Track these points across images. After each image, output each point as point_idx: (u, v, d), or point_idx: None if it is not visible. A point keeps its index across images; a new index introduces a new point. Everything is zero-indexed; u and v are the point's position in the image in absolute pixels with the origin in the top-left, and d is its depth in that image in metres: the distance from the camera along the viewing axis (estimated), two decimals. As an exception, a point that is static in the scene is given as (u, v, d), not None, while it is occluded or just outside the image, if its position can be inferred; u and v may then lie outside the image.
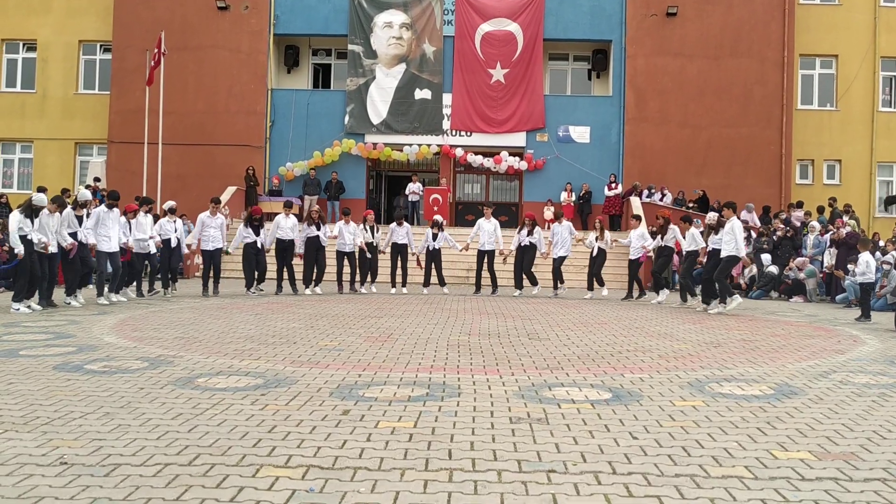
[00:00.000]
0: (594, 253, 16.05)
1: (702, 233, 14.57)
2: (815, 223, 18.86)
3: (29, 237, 11.08)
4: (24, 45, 26.91)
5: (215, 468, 3.73)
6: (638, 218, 16.55)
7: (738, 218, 13.65)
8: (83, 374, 6.09)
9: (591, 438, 4.40)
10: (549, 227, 17.99)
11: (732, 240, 12.77)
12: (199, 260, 17.63)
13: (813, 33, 25.68)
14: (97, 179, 23.04)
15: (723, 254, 12.91)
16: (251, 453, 3.99)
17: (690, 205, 23.07)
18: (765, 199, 23.79)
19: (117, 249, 12.76)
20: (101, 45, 26.59)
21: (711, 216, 14.46)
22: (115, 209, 12.83)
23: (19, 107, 26.59)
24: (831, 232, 17.81)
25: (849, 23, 25.87)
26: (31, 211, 11.17)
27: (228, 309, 11.82)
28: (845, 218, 19.56)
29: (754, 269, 18.25)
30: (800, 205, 22.21)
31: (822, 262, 17.58)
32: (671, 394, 5.72)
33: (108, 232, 12.50)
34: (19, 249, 10.88)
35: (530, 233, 16.15)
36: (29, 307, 11.07)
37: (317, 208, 16.82)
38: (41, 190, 17.19)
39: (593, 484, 3.61)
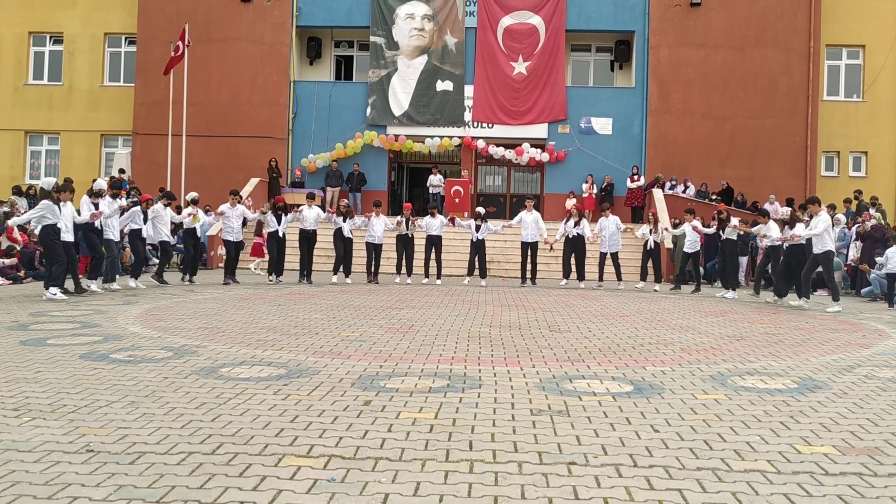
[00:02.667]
0: (650, 246, 16.11)
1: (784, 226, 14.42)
2: (840, 216, 18.62)
3: (59, 225, 11.36)
4: (50, 37, 27.19)
5: (238, 457, 3.77)
6: (692, 212, 16.27)
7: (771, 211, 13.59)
8: (109, 363, 6.17)
9: (612, 431, 4.40)
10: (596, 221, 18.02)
11: (824, 236, 12.55)
12: (222, 251, 17.81)
13: (839, 23, 25.29)
14: (122, 171, 23.24)
15: (816, 250, 12.69)
16: (273, 443, 4.03)
17: (714, 197, 22.87)
18: (789, 191, 23.52)
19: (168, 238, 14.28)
20: (126, 38, 26.80)
21: (785, 210, 14.32)
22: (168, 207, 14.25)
23: (46, 99, 26.89)
24: (857, 225, 17.58)
25: (876, 12, 25.46)
26: (56, 199, 11.42)
27: (251, 299, 11.90)
28: (872, 210, 19.28)
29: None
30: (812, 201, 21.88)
31: (847, 256, 17.37)
32: (693, 387, 5.69)
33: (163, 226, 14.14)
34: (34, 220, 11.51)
35: (577, 223, 16.22)
36: (65, 291, 11.41)
37: (346, 202, 17.07)
38: (67, 181, 17.44)
39: (614, 476, 3.61)
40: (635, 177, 23.89)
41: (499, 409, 4.85)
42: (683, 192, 23.19)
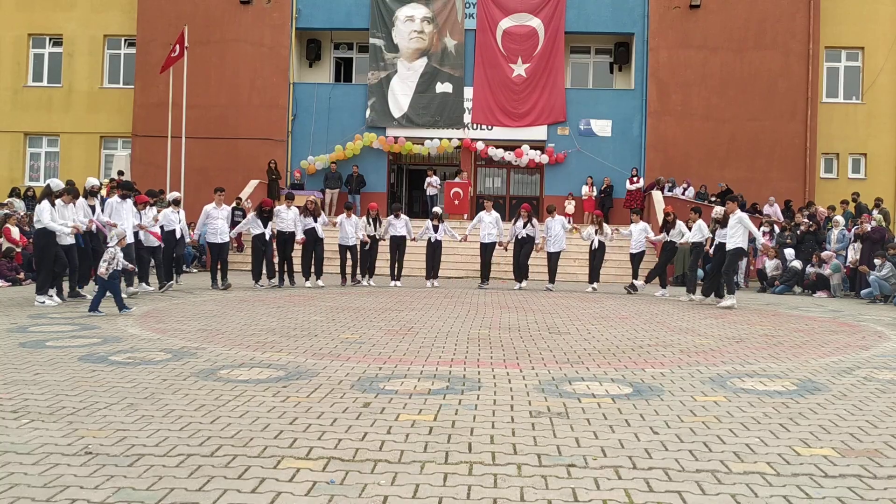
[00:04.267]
0: (594, 246, 16.08)
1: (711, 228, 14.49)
2: (838, 217, 18.63)
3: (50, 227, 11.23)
4: (50, 39, 27.20)
5: (237, 459, 3.77)
6: (697, 211, 16.23)
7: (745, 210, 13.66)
8: (108, 365, 6.16)
9: (611, 433, 4.40)
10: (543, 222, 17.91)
11: (738, 233, 12.72)
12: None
13: (839, 25, 25.31)
14: (121, 173, 23.22)
15: (729, 247, 12.89)
16: (272, 445, 4.03)
17: (713, 199, 22.87)
18: (788, 193, 23.56)
19: (131, 240, 12.73)
20: (125, 40, 26.81)
21: (717, 210, 14.38)
22: (129, 200, 12.93)
23: (46, 101, 26.90)
24: (856, 226, 17.59)
25: (875, 14, 25.48)
26: (51, 200, 11.35)
27: (250, 301, 11.90)
28: (875, 212, 19.28)
29: (777, 263, 18.08)
30: (809, 205, 21.92)
31: (846, 257, 17.38)
32: (692, 389, 5.69)
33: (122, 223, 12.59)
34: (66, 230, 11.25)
35: (526, 225, 16.18)
36: (51, 297, 11.21)
37: (312, 198, 16.73)
38: (69, 184, 17.38)
39: (613, 479, 3.61)
40: (635, 179, 23.90)
41: (498, 412, 4.85)
42: (683, 193, 23.20)
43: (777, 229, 19.90)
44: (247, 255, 18.65)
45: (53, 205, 11.35)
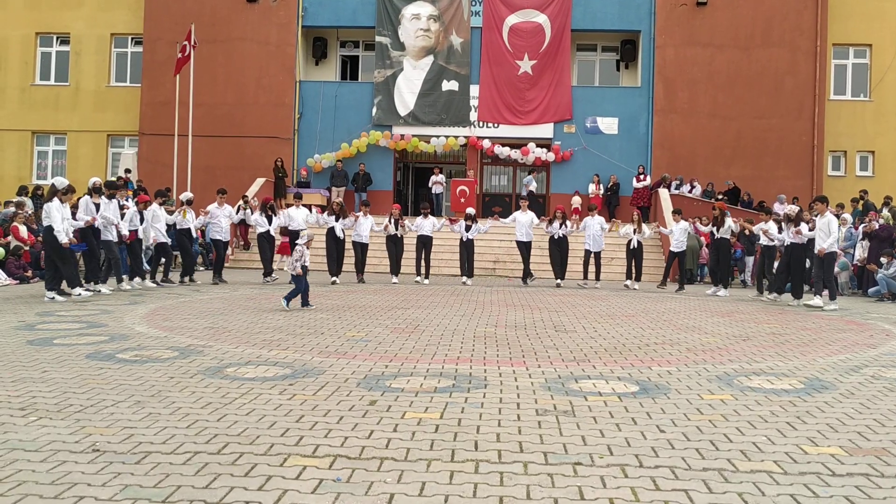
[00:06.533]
0: (633, 245, 16.12)
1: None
2: (846, 216, 18.55)
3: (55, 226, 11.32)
4: (57, 38, 27.28)
5: (244, 457, 3.78)
6: (769, 212, 16.14)
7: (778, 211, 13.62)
8: (115, 362, 6.18)
9: (617, 431, 4.39)
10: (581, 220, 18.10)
11: (828, 235, 12.66)
12: (229, 250, 17.85)
13: (846, 22, 25.20)
14: (128, 171, 23.30)
15: (820, 248, 12.81)
16: (279, 442, 4.03)
17: (720, 196, 22.81)
18: (795, 190, 23.46)
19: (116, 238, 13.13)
20: (132, 38, 26.88)
21: (792, 208, 14.29)
22: (114, 200, 13.09)
23: (53, 99, 26.99)
24: (863, 224, 17.52)
25: (883, 11, 25.36)
26: (61, 198, 11.42)
27: (257, 299, 11.92)
28: (884, 210, 19.19)
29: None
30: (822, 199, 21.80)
31: (853, 256, 17.31)
32: (699, 387, 5.68)
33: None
34: (64, 240, 11.23)
35: (561, 225, 16.30)
36: (62, 293, 11.32)
37: (339, 200, 16.96)
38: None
39: (620, 477, 3.60)
40: (641, 176, 23.86)
41: (504, 410, 4.85)
42: (689, 191, 23.14)
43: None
44: (254, 251, 18.79)
45: (62, 202, 11.45)
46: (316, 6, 25.62)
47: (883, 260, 15.30)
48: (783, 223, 14.05)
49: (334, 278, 15.59)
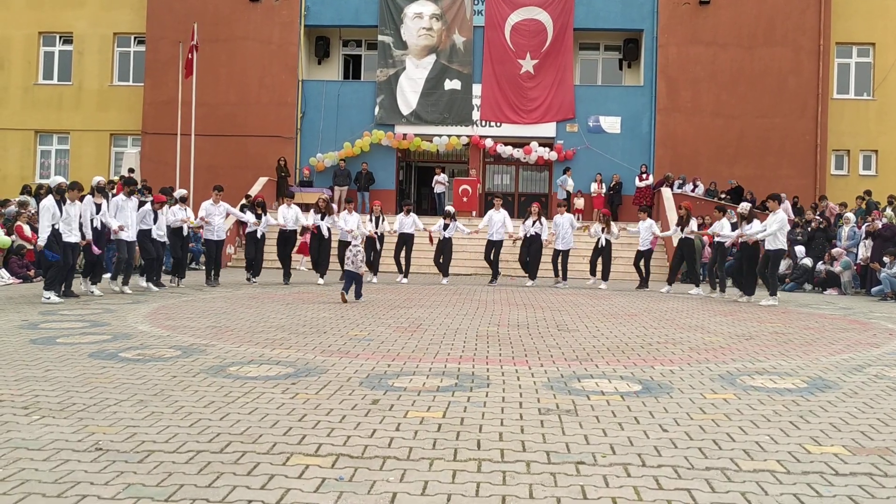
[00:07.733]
0: (601, 244, 16.04)
1: (733, 223, 14.43)
2: (849, 214, 18.53)
3: (58, 227, 11.17)
4: (60, 37, 27.33)
5: (246, 456, 3.78)
6: (722, 210, 16.12)
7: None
8: (118, 361, 6.19)
9: (620, 430, 4.38)
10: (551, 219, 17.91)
11: (765, 229, 12.77)
12: (230, 249, 17.84)
13: (850, 21, 25.16)
14: (131, 170, 23.31)
15: (768, 247, 12.93)
16: (281, 441, 4.03)
17: (723, 195, 22.80)
18: (798, 189, 23.45)
19: (134, 238, 12.98)
20: (135, 38, 26.92)
21: (744, 206, 14.32)
22: (134, 198, 13.01)
23: (56, 99, 27.04)
24: (867, 223, 17.50)
25: (886, 10, 25.32)
26: (60, 199, 11.30)
27: (260, 299, 11.92)
28: (889, 209, 19.17)
29: (788, 262, 17.99)
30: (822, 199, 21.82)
31: (857, 255, 17.29)
32: (702, 386, 5.67)
33: (126, 220, 12.66)
34: (42, 239, 11.15)
35: (535, 223, 16.22)
36: (58, 295, 11.21)
37: (324, 197, 16.63)
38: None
39: (623, 476, 3.60)
40: (644, 175, 23.84)
41: (507, 409, 4.85)
42: (692, 191, 23.12)
43: (788, 227, 19.81)
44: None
45: (64, 201, 11.35)
46: (318, 5, 25.63)
47: (886, 259, 15.28)
48: (738, 221, 14.08)
49: (320, 279, 15.49)
